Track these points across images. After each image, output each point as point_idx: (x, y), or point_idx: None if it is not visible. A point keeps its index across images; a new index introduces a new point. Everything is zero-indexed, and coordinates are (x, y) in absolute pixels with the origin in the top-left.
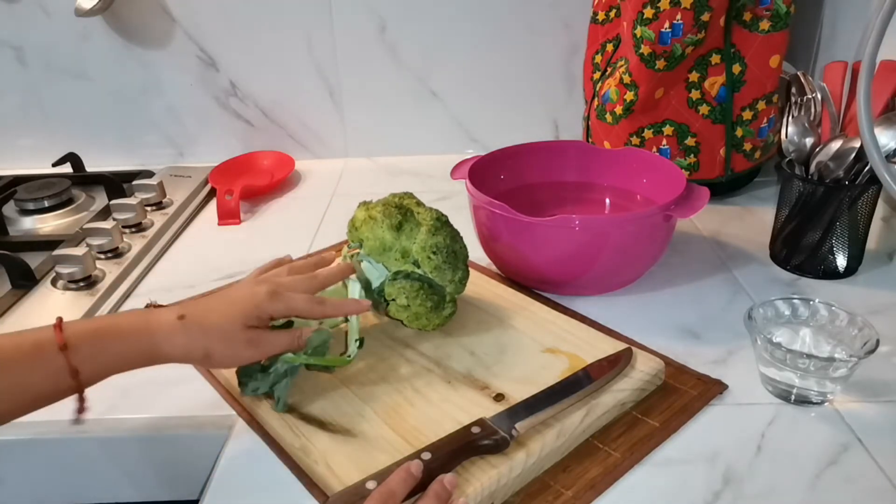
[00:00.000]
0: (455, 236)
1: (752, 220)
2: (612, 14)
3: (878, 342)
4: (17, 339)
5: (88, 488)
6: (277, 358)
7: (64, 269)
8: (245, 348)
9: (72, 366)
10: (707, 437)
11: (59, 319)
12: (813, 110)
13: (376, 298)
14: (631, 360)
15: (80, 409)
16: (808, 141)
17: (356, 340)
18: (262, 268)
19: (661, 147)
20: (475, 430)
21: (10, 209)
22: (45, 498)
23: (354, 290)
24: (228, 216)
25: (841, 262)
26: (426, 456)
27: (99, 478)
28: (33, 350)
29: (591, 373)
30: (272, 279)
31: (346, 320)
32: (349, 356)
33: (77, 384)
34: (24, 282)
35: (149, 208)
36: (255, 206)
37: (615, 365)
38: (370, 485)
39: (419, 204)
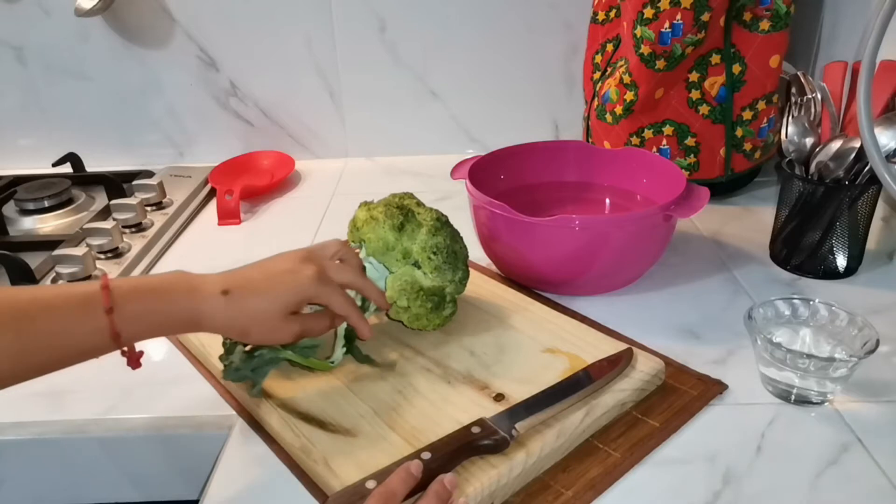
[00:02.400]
0: (455, 236)
1: (752, 220)
2: (612, 14)
3: (878, 342)
4: (66, 292)
5: (88, 488)
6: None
7: (64, 269)
8: (284, 332)
9: (114, 328)
10: (707, 437)
11: (106, 277)
12: (813, 110)
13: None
14: (631, 361)
15: (132, 362)
16: (808, 141)
17: (343, 347)
18: (318, 246)
19: (661, 147)
20: (475, 430)
21: (10, 209)
22: (45, 498)
23: (350, 292)
24: (228, 216)
25: (841, 262)
26: (426, 456)
27: (99, 478)
28: (80, 305)
29: (591, 373)
30: (320, 260)
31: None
32: (332, 362)
33: (116, 344)
34: (24, 282)
35: (149, 208)
36: (255, 206)
37: (616, 365)
38: (370, 484)
39: (419, 204)
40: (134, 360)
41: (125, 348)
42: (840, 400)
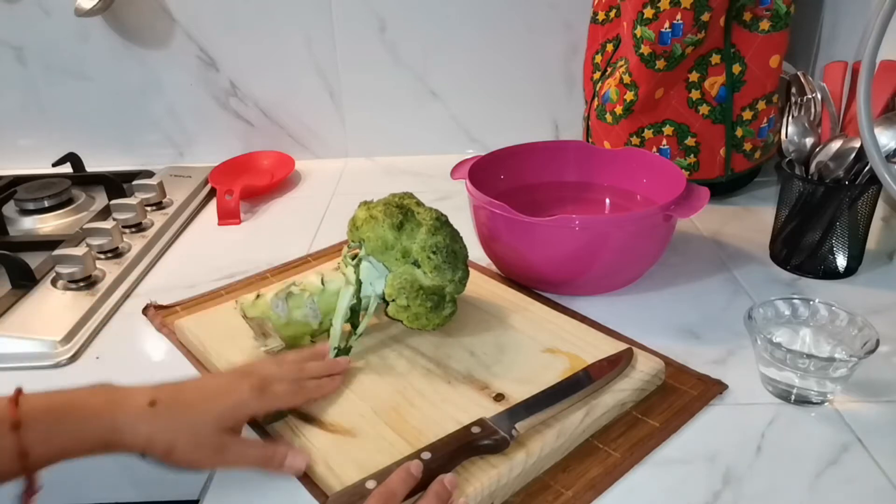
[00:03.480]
0: (455, 236)
1: (752, 220)
2: (612, 14)
3: (878, 342)
4: None
5: (88, 488)
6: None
7: (64, 269)
8: (212, 455)
9: (21, 447)
10: (707, 437)
11: (18, 392)
12: (813, 110)
13: (367, 301)
14: (631, 361)
15: (29, 493)
16: (808, 141)
17: (334, 349)
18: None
19: (661, 147)
20: (475, 429)
21: (10, 209)
22: (45, 498)
23: (346, 296)
24: (228, 216)
25: (841, 262)
26: (426, 456)
27: (99, 478)
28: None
29: (591, 373)
30: (258, 371)
31: (331, 324)
32: None
33: (22, 467)
34: (24, 282)
35: (149, 208)
36: (255, 206)
37: (616, 365)
38: (370, 484)
39: (419, 204)
40: (29, 493)
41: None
42: (840, 400)
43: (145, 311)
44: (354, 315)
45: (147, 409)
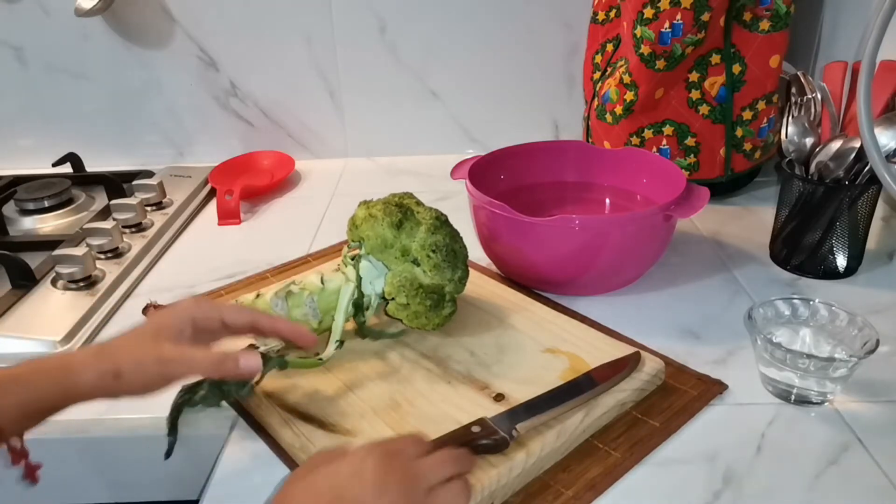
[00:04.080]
0: (455, 235)
1: (752, 220)
2: (612, 14)
3: (878, 342)
4: None
5: (89, 488)
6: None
7: (64, 269)
8: (155, 364)
9: None
10: (707, 437)
11: None
12: (813, 110)
13: (368, 300)
14: (638, 365)
15: (28, 475)
16: (808, 141)
17: (336, 342)
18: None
19: (661, 147)
20: (475, 429)
21: (10, 209)
22: (45, 498)
23: (347, 292)
24: (228, 216)
25: (841, 262)
26: None
27: (99, 478)
28: None
29: (594, 376)
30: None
31: (332, 319)
32: (320, 358)
33: None
34: (24, 282)
35: (149, 208)
36: (255, 206)
37: (621, 370)
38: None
39: (419, 203)
40: (30, 473)
41: (21, 463)
42: (840, 400)
43: (145, 311)
44: (358, 311)
45: (91, 349)
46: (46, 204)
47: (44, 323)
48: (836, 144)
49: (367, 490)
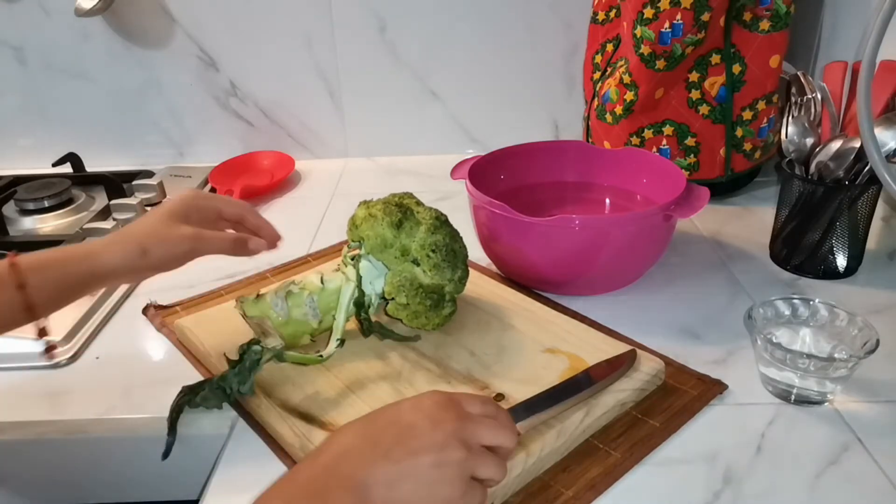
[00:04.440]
0: (455, 235)
1: (752, 220)
2: (612, 14)
3: (878, 342)
4: None
5: (88, 488)
6: (250, 346)
7: None
8: (180, 241)
9: (28, 303)
10: (707, 437)
11: (14, 255)
12: (813, 110)
13: (369, 299)
14: (634, 363)
15: (48, 348)
16: (808, 141)
17: (337, 340)
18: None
19: (661, 147)
20: None
21: (10, 209)
22: (46, 498)
23: (347, 291)
24: None
25: (841, 262)
26: None
27: (99, 478)
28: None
29: (592, 374)
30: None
31: (334, 318)
32: (321, 356)
33: (32, 315)
34: None
35: (149, 208)
36: (255, 206)
37: (618, 367)
38: None
39: (419, 203)
40: (50, 350)
41: (43, 340)
42: (840, 400)
43: (145, 311)
44: (360, 309)
45: (113, 234)
46: (46, 204)
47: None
48: (836, 144)
49: (422, 419)
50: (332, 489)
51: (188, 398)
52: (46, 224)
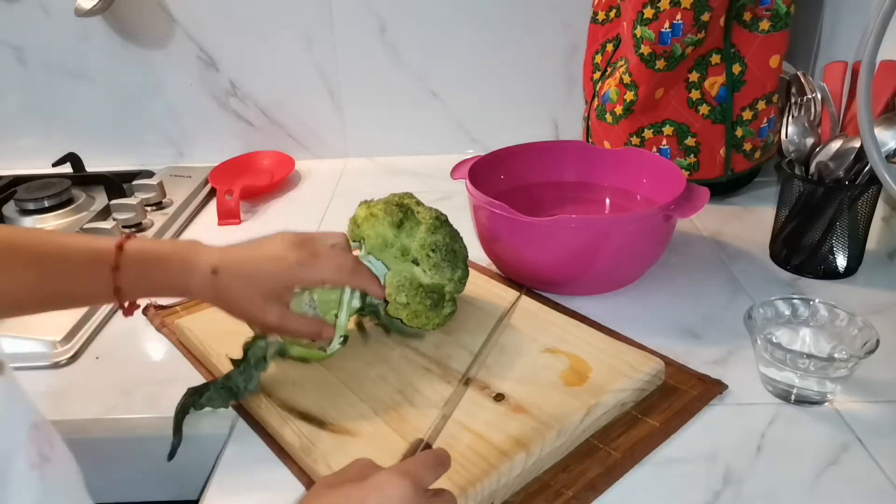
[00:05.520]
0: (454, 235)
1: (752, 220)
2: (612, 14)
3: (878, 342)
4: (83, 244)
5: (88, 488)
6: (254, 343)
7: None
8: (265, 315)
9: (116, 285)
10: (707, 437)
11: (126, 237)
12: (813, 110)
13: (370, 298)
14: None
15: (127, 312)
16: (808, 141)
17: (340, 337)
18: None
19: (661, 147)
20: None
21: (10, 209)
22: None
23: (348, 290)
24: (228, 216)
25: (841, 262)
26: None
27: (99, 478)
28: (92, 259)
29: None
30: (313, 245)
31: (336, 316)
32: (324, 350)
33: (116, 298)
34: None
35: (149, 208)
36: (255, 206)
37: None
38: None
39: (419, 203)
40: (129, 310)
41: (132, 313)
42: (840, 400)
43: (145, 311)
44: (366, 306)
45: (209, 277)
46: (46, 204)
47: (44, 323)
48: (836, 144)
49: None
50: None
51: (193, 400)
52: (46, 224)
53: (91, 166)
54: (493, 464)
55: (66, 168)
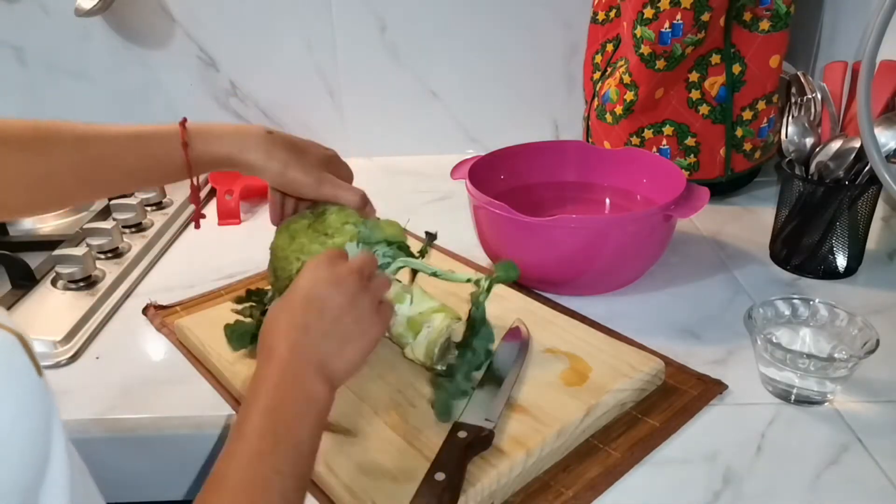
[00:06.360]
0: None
1: (752, 220)
2: (612, 14)
3: (878, 342)
4: (155, 128)
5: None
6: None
7: (64, 269)
8: (315, 178)
9: (187, 160)
10: (707, 437)
11: (185, 119)
12: (813, 110)
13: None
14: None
15: (198, 218)
16: (808, 141)
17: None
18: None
19: (661, 147)
20: (462, 434)
21: None
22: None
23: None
24: (228, 216)
25: (841, 262)
26: (440, 476)
27: (99, 478)
28: (165, 137)
29: (523, 340)
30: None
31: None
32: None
33: (187, 173)
34: (24, 282)
35: (149, 208)
36: (255, 206)
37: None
38: (439, 476)
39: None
40: (197, 220)
41: (197, 187)
42: (840, 400)
43: (145, 311)
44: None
45: (266, 136)
46: None
47: (44, 323)
48: (836, 144)
49: (326, 288)
50: (302, 372)
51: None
52: (46, 224)
53: None
54: (492, 463)
55: None
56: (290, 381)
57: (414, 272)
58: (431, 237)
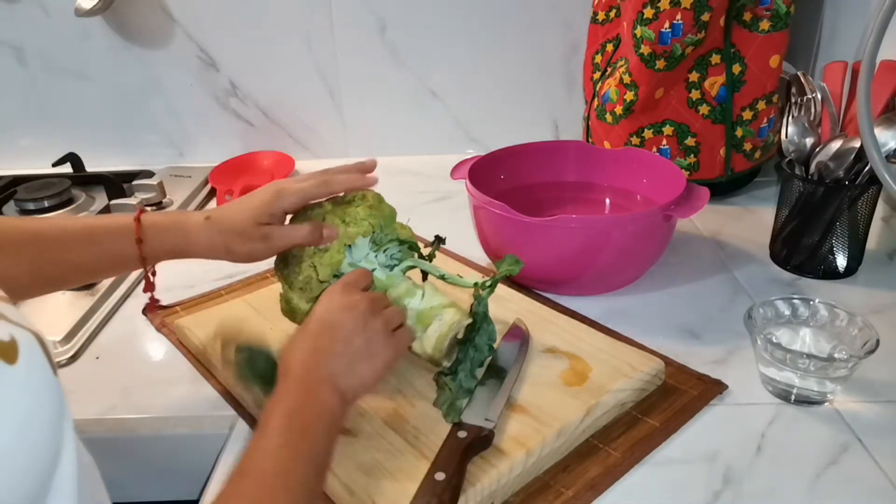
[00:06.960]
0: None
1: (752, 220)
2: (612, 14)
3: (878, 342)
4: (108, 223)
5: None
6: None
7: None
8: (259, 242)
9: (142, 254)
10: (707, 437)
11: (141, 211)
12: (813, 110)
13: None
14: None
15: (149, 286)
16: (808, 141)
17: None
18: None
19: (661, 147)
20: (461, 434)
21: (10, 209)
22: None
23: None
24: None
25: (841, 262)
26: (440, 476)
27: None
28: (118, 234)
29: (523, 338)
30: (282, 183)
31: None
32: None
33: (140, 266)
34: None
35: (149, 208)
36: None
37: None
38: (439, 476)
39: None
40: (152, 306)
41: (149, 275)
42: (840, 400)
43: (145, 311)
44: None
45: (204, 223)
46: (46, 204)
47: (44, 323)
48: (836, 144)
49: (339, 313)
50: (315, 386)
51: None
52: None
53: (91, 166)
54: (492, 463)
55: (66, 168)
56: (304, 391)
57: (424, 273)
58: (440, 241)
